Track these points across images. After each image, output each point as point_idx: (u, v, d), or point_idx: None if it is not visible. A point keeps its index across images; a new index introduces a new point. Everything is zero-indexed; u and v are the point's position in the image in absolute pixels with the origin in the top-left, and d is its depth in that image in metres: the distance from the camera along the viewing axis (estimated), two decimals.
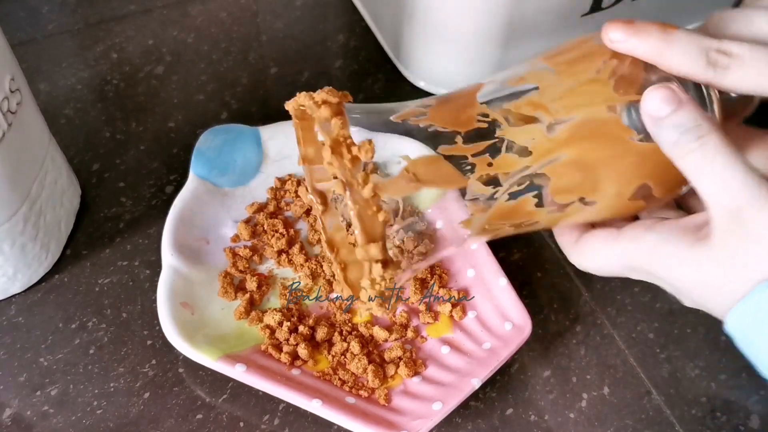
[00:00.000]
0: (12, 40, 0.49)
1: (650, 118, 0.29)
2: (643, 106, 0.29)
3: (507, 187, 0.32)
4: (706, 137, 0.28)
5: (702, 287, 0.30)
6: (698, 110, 0.29)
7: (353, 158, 0.31)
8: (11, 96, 0.36)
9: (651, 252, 0.31)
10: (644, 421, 0.39)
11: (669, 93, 0.29)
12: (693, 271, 0.30)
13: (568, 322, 0.43)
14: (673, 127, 0.29)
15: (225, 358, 0.37)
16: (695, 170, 0.29)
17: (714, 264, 0.29)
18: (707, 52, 0.29)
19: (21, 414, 0.37)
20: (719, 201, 0.28)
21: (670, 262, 0.30)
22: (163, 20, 0.55)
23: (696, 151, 0.29)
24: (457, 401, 0.36)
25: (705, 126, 0.29)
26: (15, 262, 0.39)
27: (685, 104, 0.29)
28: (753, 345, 0.29)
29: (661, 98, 0.29)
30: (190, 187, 0.42)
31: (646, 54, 0.30)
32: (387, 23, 0.53)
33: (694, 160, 0.29)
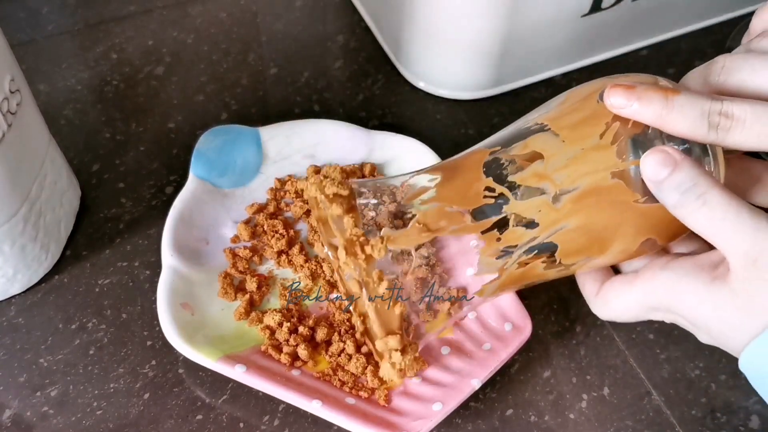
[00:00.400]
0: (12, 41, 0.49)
1: (651, 183, 0.30)
2: (642, 172, 0.30)
3: (516, 258, 0.33)
4: (707, 194, 0.29)
5: (719, 324, 0.31)
6: (695, 168, 0.30)
7: (367, 257, 0.33)
8: (11, 97, 0.36)
9: (668, 289, 0.32)
10: (644, 421, 0.39)
11: (664, 156, 0.30)
12: (710, 309, 0.31)
13: (568, 323, 0.43)
14: (674, 189, 0.30)
15: (225, 358, 0.37)
16: (704, 227, 0.30)
17: (732, 305, 0.30)
18: (709, 115, 0.30)
19: (21, 415, 0.37)
20: (734, 251, 0.29)
21: (688, 299, 0.31)
22: (162, 21, 0.55)
23: (700, 209, 0.29)
24: (457, 402, 0.36)
25: (703, 183, 0.29)
26: (15, 263, 0.39)
27: (680, 164, 0.30)
28: (765, 381, 0.30)
29: (657, 162, 0.30)
30: (190, 188, 0.42)
31: (648, 119, 0.30)
32: (387, 24, 0.53)
33: (701, 217, 0.29)
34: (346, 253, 0.33)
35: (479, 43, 0.47)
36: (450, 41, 0.48)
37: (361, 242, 0.33)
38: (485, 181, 0.33)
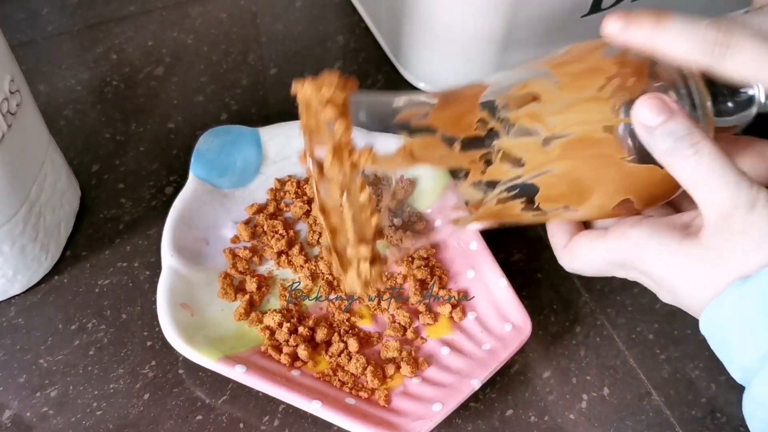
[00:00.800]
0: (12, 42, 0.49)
1: (642, 127, 0.30)
2: (635, 115, 0.30)
3: (497, 193, 0.33)
4: (700, 144, 0.29)
5: (685, 281, 0.31)
6: (689, 119, 0.29)
7: (353, 164, 0.32)
8: (11, 97, 0.36)
9: (637, 245, 0.32)
10: (644, 422, 0.39)
11: (660, 102, 0.29)
12: (679, 265, 0.31)
13: (568, 323, 0.43)
14: (667, 135, 0.29)
15: (225, 359, 0.37)
16: (690, 175, 0.29)
17: (701, 260, 0.30)
18: (704, 35, 0.29)
19: (21, 415, 0.37)
20: (712, 203, 0.29)
21: (657, 255, 0.31)
22: (162, 21, 0.55)
23: (691, 157, 0.29)
24: (457, 402, 0.36)
25: (698, 133, 0.29)
26: (15, 264, 0.39)
27: (676, 113, 0.29)
28: (724, 343, 0.30)
29: (653, 107, 0.29)
30: (190, 189, 0.42)
31: (643, 41, 0.30)
32: (386, 24, 0.53)
33: (689, 165, 0.29)
34: (333, 156, 0.32)
35: (479, 43, 0.47)
36: (450, 42, 0.48)
37: (349, 149, 0.33)
38: (479, 114, 0.33)
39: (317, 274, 0.42)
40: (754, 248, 0.29)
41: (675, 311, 0.43)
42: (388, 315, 0.41)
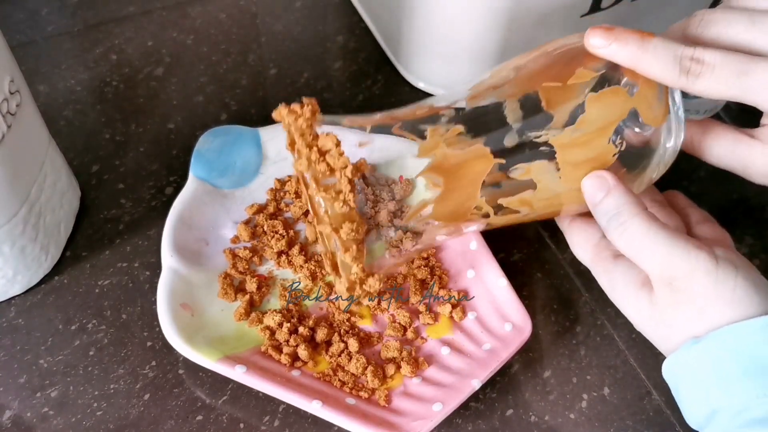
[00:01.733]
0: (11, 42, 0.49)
1: (590, 204, 0.33)
2: (583, 188, 0.33)
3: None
4: (628, 222, 0.32)
5: (643, 328, 0.34)
6: (623, 195, 0.32)
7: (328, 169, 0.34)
8: (11, 98, 0.36)
9: (610, 281, 0.35)
10: (644, 421, 0.39)
11: (599, 181, 0.32)
12: (636, 314, 0.34)
13: (568, 323, 0.43)
14: (603, 214, 0.33)
15: (225, 359, 0.37)
16: (626, 249, 0.32)
17: (651, 317, 0.33)
18: (681, 59, 0.31)
19: (21, 416, 0.37)
20: (653, 272, 0.32)
21: (621, 297, 0.34)
22: (162, 22, 0.55)
23: (622, 235, 0.32)
24: (458, 402, 0.36)
25: (626, 211, 0.32)
26: (15, 264, 0.39)
27: (612, 190, 0.32)
28: (679, 395, 0.33)
29: (593, 185, 0.33)
30: (190, 189, 0.42)
31: (624, 59, 0.32)
32: (386, 24, 0.53)
33: (623, 241, 0.32)
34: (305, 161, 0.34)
35: (479, 43, 0.47)
36: (449, 41, 0.48)
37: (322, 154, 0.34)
38: (479, 201, 0.35)
39: (317, 274, 0.42)
40: (696, 315, 0.31)
41: None
42: (388, 315, 0.41)
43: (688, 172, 0.49)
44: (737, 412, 0.30)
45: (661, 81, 0.32)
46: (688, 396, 0.32)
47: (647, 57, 0.31)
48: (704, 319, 0.31)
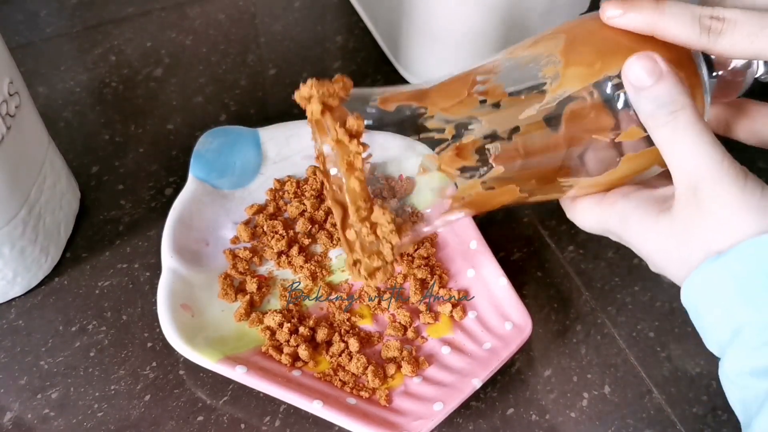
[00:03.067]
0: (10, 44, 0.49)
1: (632, 87, 0.30)
2: (625, 74, 0.30)
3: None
4: (679, 112, 0.30)
5: (662, 255, 0.31)
6: (677, 84, 0.30)
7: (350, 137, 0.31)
8: (10, 99, 0.36)
9: (622, 218, 0.33)
10: (645, 420, 0.39)
11: (651, 64, 0.30)
12: (654, 240, 0.31)
13: (569, 322, 0.43)
14: (652, 99, 0.30)
15: (225, 359, 0.37)
16: (665, 142, 0.30)
17: (672, 234, 0.31)
18: (700, 18, 0.30)
19: (22, 417, 0.37)
20: (682, 173, 0.30)
21: (637, 228, 0.32)
22: (161, 22, 0.55)
23: (668, 125, 0.30)
24: (458, 401, 0.36)
25: (680, 101, 0.30)
26: (14, 266, 0.39)
27: (665, 77, 0.30)
28: (700, 318, 0.30)
29: (644, 68, 0.30)
30: (190, 190, 0.42)
31: (641, 26, 0.31)
32: (385, 24, 0.53)
33: (666, 132, 0.30)
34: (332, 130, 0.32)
35: (477, 42, 0.47)
36: (448, 41, 0.48)
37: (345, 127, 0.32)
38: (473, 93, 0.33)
39: (317, 274, 0.42)
40: (720, 224, 0.29)
41: (675, 309, 0.43)
42: (388, 315, 0.41)
43: None
44: (764, 326, 0.28)
45: (682, 42, 0.30)
46: (710, 316, 0.30)
47: (665, 19, 0.30)
48: (728, 232, 0.29)
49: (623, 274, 0.44)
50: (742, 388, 0.29)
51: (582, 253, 0.45)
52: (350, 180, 0.32)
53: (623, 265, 0.45)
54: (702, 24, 0.30)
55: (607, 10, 0.31)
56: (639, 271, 0.44)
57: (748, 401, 0.29)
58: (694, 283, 0.30)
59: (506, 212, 0.46)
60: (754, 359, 0.28)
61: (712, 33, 0.30)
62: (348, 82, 0.32)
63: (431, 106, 0.33)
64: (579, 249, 0.45)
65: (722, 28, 0.30)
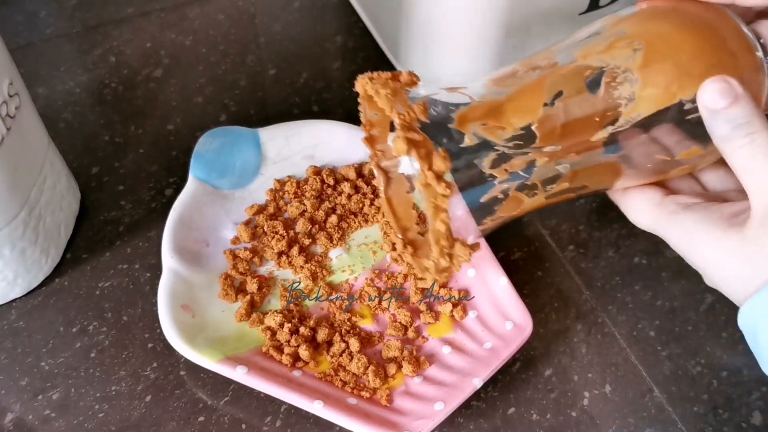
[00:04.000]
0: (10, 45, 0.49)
1: (706, 110, 0.30)
2: (700, 98, 0.30)
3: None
4: (756, 134, 0.29)
5: (725, 272, 0.31)
6: (753, 106, 0.29)
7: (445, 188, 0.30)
8: (10, 100, 0.36)
9: (684, 230, 0.32)
10: (646, 419, 0.39)
11: (726, 86, 0.29)
12: (719, 255, 0.31)
13: (569, 321, 0.43)
14: (727, 121, 0.29)
15: (226, 360, 0.37)
16: (742, 164, 0.30)
17: (741, 252, 0.30)
18: None
19: (22, 418, 0.37)
20: (760, 197, 0.29)
21: (701, 243, 0.31)
22: (161, 23, 0.55)
23: (745, 147, 0.29)
24: (459, 401, 0.36)
25: (756, 123, 0.29)
26: (15, 267, 0.39)
27: (740, 99, 0.29)
28: (758, 339, 0.30)
29: (718, 91, 0.30)
30: (190, 190, 0.42)
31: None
32: (385, 24, 0.53)
33: (743, 155, 0.29)
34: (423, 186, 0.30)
35: (477, 42, 0.47)
36: (448, 40, 0.48)
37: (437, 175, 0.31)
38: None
39: (317, 274, 0.42)
40: None
41: (676, 308, 0.43)
42: (389, 314, 0.41)
43: None
44: None
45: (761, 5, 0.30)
46: (766, 340, 0.29)
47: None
48: None
49: (624, 274, 0.44)
50: None
51: (582, 252, 0.45)
52: (436, 222, 0.31)
53: (624, 264, 0.45)
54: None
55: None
56: (639, 271, 0.45)
57: None
58: (756, 304, 0.29)
59: None
60: None
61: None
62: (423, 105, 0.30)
63: (508, 126, 0.32)
64: (579, 248, 0.45)
65: None
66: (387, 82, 0.31)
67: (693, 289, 0.44)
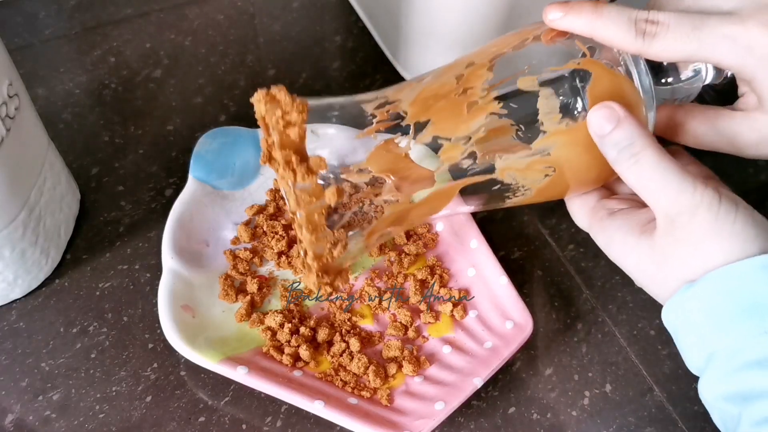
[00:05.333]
0: (9, 46, 0.49)
1: (596, 136, 0.32)
2: (589, 125, 0.32)
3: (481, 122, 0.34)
4: (641, 154, 0.31)
5: (642, 276, 0.33)
6: (635, 127, 0.31)
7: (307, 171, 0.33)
8: (9, 101, 0.36)
9: (607, 236, 0.34)
10: (646, 418, 0.39)
11: (609, 112, 0.31)
12: (635, 261, 0.33)
13: (569, 320, 0.43)
14: (613, 145, 0.31)
15: (227, 360, 0.37)
16: (634, 183, 0.31)
17: (652, 260, 0.32)
18: (636, 22, 0.31)
19: (23, 419, 0.37)
20: (658, 207, 0.31)
21: (620, 249, 0.33)
22: (160, 23, 0.55)
23: (632, 167, 0.31)
24: (460, 401, 0.36)
25: (639, 143, 0.31)
26: (15, 268, 0.39)
27: (622, 122, 0.31)
28: (679, 341, 0.32)
29: (603, 117, 0.31)
30: (190, 190, 0.42)
31: (581, 28, 0.32)
32: (384, 24, 0.53)
33: (632, 174, 0.31)
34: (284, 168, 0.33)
35: (477, 41, 0.47)
36: (447, 40, 0.48)
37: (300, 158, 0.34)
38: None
39: None
40: (693, 254, 0.30)
41: None
42: (389, 314, 0.41)
43: None
44: (733, 353, 0.29)
45: (617, 46, 0.32)
46: (686, 341, 0.32)
47: (603, 22, 0.31)
48: (699, 261, 0.30)
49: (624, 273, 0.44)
50: (719, 410, 0.31)
51: (582, 251, 0.45)
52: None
53: None
54: (637, 27, 0.31)
55: (549, 13, 0.33)
56: None
57: (727, 422, 0.30)
58: (670, 309, 0.32)
59: (506, 211, 0.46)
60: (727, 384, 0.30)
61: (647, 36, 0.31)
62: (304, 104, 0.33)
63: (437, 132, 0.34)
64: (579, 247, 0.45)
65: (656, 31, 0.31)
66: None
67: None
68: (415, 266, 0.42)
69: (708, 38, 0.30)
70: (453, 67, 0.35)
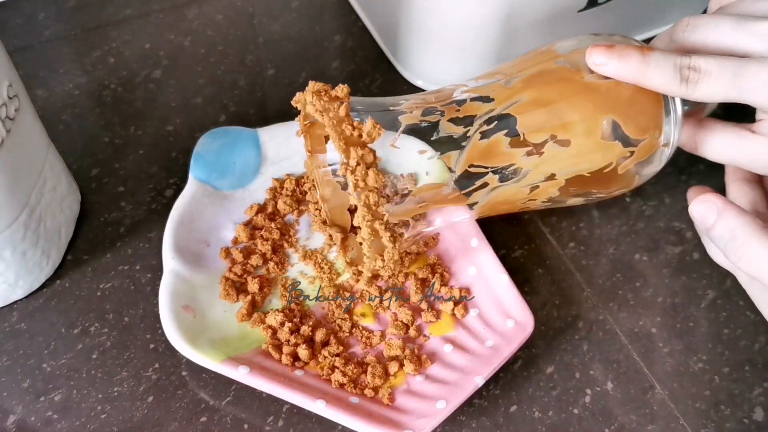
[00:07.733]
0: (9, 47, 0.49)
1: (703, 231, 0.33)
2: (692, 215, 0.33)
3: (477, 127, 0.36)
4: (745, 246, 0.31)
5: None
6: (735, 217, 0.32)
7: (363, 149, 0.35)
8: (9, 102, 0.36)
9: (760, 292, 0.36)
10: (648, 415, 0.39)
11: (707, 206, 0.32)
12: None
13: (571, 318, 0.43)
14: (718, 240, 0.32)
15: (228, 360, 0.37)
16: (749, 272, 0.32)
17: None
18: (680, 69, 0.33)
19: (25, 420, 0.37)
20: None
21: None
22: (159, 24, 0.55)
23: (741, 259, 0.32)
24: (461, 399, 0.36)
25: (741, 235, 0.31)
26: (16, 269, 0.39)
27: (722, 214, 0.32)
28: None
29: (702, 211, 0.32)
30: (190, 191, 0.42)
31: (627, 75, 0.34)
32: (383, 23, 0.53)
33: (743, 265, 0.32)
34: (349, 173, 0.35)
35: (476, 39, 0.47)
36: (447, 39, 0.48)
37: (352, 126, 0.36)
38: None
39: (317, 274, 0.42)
40: None
41: (677, 304, 0.43)
42: (390, 313, 0.41)
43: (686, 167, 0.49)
44: None
45: (664, 91, 0.34)
46: None
47: (650, 71, 0.33)
48: None
49: (625, 270, 0.44)
50: None
51: (583, 249, 0.45)
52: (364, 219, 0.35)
53: (624, 261, 0.45)
54: (681, 74, 0.33)
55: (594, 57, 0.34)
56: (640, 267, 0.45)
57: None
58: None
59: None
60: None
61: (690, 83, 0.33)
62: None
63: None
64: (580, 245, 0.45)
65: (699, 78, 0.33)
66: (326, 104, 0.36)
67: (694, 285, 0.44)
68: (415, 265, 0.42)
69: (749, 86, 0.32)
70: None
